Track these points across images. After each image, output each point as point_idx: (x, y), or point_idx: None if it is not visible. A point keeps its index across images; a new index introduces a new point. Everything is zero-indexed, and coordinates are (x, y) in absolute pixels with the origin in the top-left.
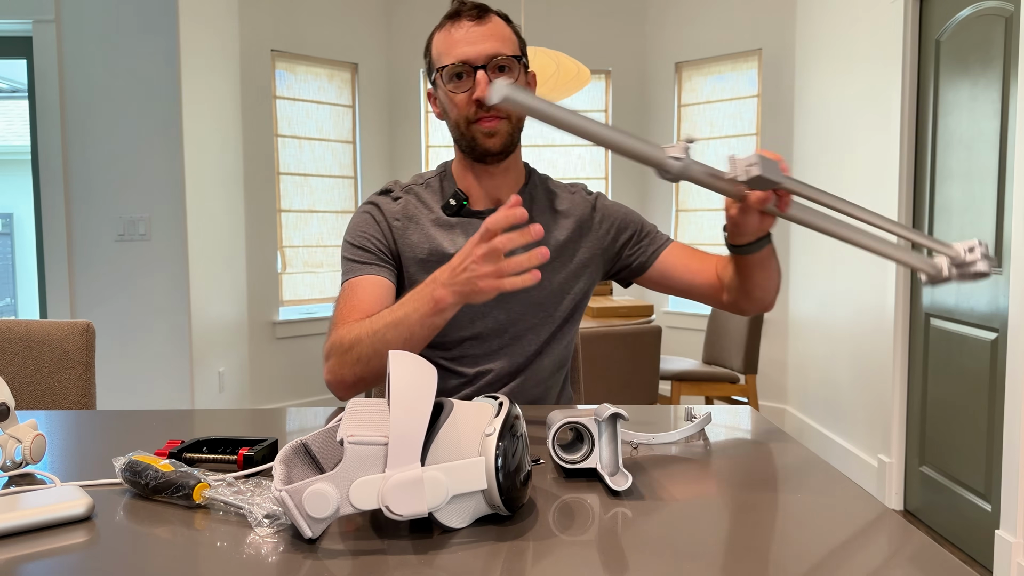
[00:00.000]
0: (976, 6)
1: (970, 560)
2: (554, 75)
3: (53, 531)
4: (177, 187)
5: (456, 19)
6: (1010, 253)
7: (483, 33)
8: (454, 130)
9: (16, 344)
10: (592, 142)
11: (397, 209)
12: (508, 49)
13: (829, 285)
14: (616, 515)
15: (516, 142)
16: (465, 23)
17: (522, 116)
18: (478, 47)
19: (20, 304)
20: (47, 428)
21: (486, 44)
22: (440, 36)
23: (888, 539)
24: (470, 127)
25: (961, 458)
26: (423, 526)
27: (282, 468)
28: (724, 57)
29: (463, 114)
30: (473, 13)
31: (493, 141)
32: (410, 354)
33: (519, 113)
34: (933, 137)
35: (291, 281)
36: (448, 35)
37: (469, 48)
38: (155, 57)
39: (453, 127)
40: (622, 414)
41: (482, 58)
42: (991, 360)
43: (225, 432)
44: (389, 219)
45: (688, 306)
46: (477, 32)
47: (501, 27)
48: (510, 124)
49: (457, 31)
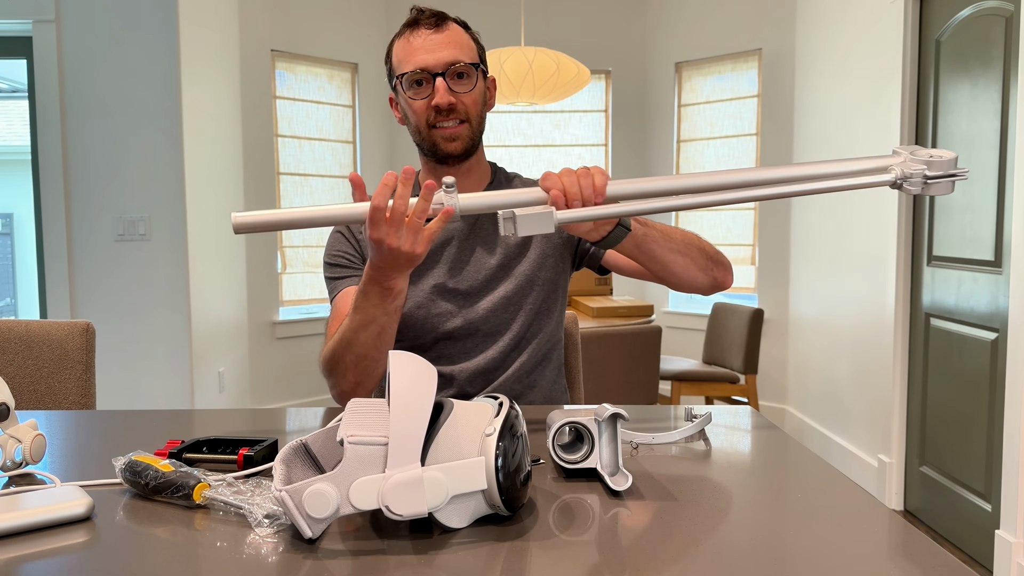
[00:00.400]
0: (976, 6)
1: (970, 560)
2: (554, 75)
3: (53, 531)
4: (177, 187)
5: (415, 27)
6: (1010, 253)
7: (441, 41)
8: (415, 135)
9: (16, 344)
10: (326, 225)
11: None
12: (466, 56)
13: (829, 285)
14: (616, 515)
15: (477, 144)
16: (423, 31)
17: (482, 119)
18: (436, 55)
19: (20, 304)
20: (47, 428)
21: (444, 52)
22: (399, 44)
23: (888, 539)
24: (431, 132)
25: (961, 458)
26: (423, 526)
27: (282, 468)
28: (724, 57)
29: (423, 119)
30: (431, 22)
31: (454, 145)
32: (410, 354)
33: (478, 115)
34: (933, 137)
35: (291, 281)
36: (407, 43)
37: (428, 56)
38: (155, 57)
39: (414, 132)
40: (622, 414)
41: (440, 65)
42: (991, 360)
43: (225, 432)
44: (355, 231)
45: (688, 306)
46: (435, 40)
47: (459, 34)
48: (470, 128)
49: (416, 39)
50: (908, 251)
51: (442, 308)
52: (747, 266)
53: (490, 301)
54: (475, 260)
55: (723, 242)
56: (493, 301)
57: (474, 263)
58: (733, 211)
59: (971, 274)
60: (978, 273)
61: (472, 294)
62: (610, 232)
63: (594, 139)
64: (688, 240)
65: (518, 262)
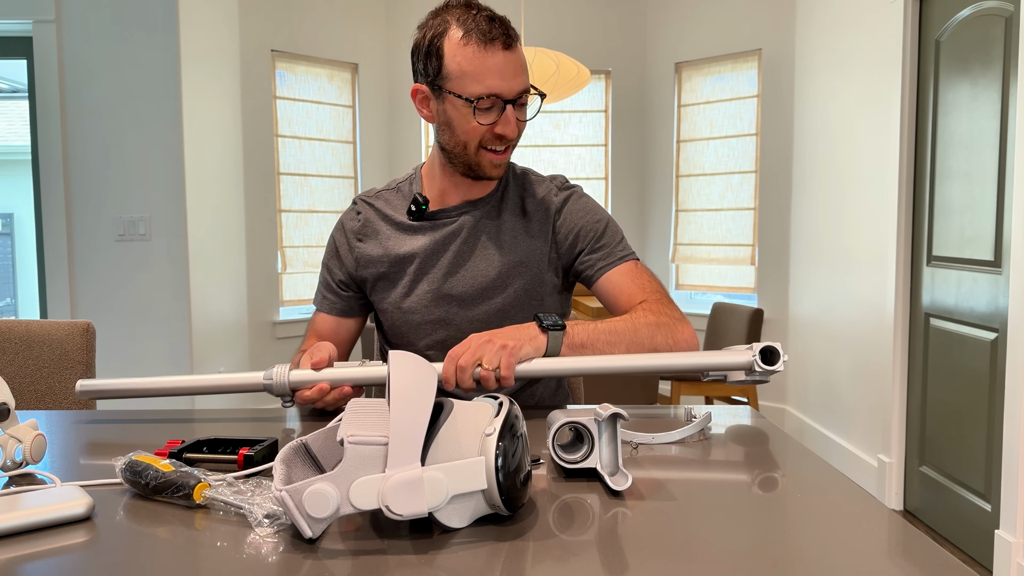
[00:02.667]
0: (976, 6)
1: (970, 560)
2: (554, 75)
3: (53, 531)
4: (177, 187)
5: (489, 42)
6: (1010, 253)
7: (516, 65)
8: (457, 147)
9: (16, 344)
10: (168, 396)
11: (357, 227)
12: (530, 80)
13: (829, 285)
14: (616, 515)
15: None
16: (499, 50)
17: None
18: (511, 83)
19: (20, 304)
20: (47, 428)
21: (519, 79)
22: (467, 53)
23: (888, 539)
24: (479, 152)
25: (961, 458)
26: (423, 526)
27: (282, 468)
28: (724, 57)
29: (475, 139)
30: (507, 40)
31: (498, 171)
32: (410, 354)
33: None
34: (933, 137)
35: (291, 281)
36: (479, 58)
37: (503, 83)
38: (155, 57)
39: (458, 145)
40: (622, 414)
41: (514, 94)
42: (991, 360)
43: (225, 432)
44: (350, 239)
45: (688, 306)
46: (512, 65)
47: (522, 53)
48: (512, 150)
49: (490, 57)
50: (908, 251)
51: (435, 315)
52: (747, 266)
53: (485, 313)
54: (471, 267)
55: (723, 242)
56: (488, 312)
57: (471, 270)
58: (733, 211)
59: (971, 274)
60: (978, 273)
61: (467, 301)
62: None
63: (594, 139)
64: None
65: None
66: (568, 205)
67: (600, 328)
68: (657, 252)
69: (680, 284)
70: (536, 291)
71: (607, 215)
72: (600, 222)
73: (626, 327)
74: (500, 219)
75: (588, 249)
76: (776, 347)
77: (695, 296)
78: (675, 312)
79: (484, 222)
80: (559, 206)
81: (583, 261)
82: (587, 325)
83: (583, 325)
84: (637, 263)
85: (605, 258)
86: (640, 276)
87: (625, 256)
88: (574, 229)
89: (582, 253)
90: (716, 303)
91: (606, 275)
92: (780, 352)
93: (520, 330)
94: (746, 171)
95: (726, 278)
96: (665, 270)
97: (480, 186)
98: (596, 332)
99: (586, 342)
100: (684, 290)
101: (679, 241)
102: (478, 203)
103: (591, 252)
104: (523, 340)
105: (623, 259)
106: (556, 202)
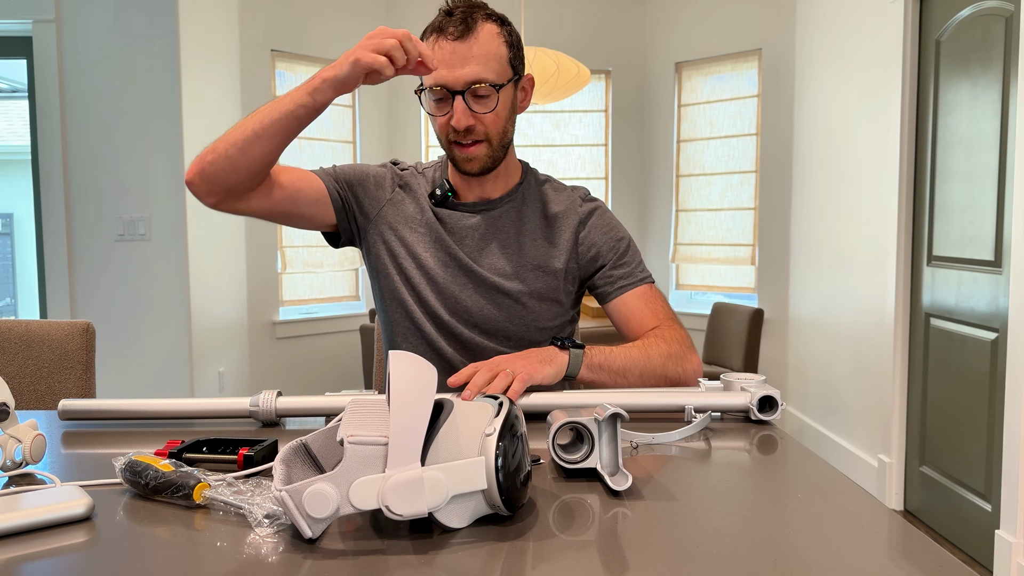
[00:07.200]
0: (976, 6)
1: (970, 560)
2: (554, 75)
3: (53, 531)
4: (177, 187)
5: (440, 33)
6: (1010, 253)
7: (464, 54)
8: (439, 141)
9: (16, 344)
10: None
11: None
12: (490, 72)
13: (829, 285)
14: (616, 515)
15: (499, 159)
16: (448, 41)
17: (505, 132)
18: (456, 72)
19: (20, 304)
20: (47, 428)
21: (466, 69)
22: (426, 47)
23: (888, 539)
24: (451, 147)
25: (961, 458)
26: (423, 526)
27: (282, 468)
28: (724, 57)
29: (443, 135)
30: (457, 30)
31: (471, 165)
32: (410, 354)
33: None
34: (933, 137)
35: (291, 281)
36: (432, 50)
37: (448, 73)
38: (155, 57)
39: (438, 139)
40: (622, 414)
41: (460, 84)
42: (991, 360)
43: (225, 432)
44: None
45: (688, 306)
46: (459, 53)
47: (486, 43)
48: (489, 147)
49: (440, 49)
50: (908, 251)
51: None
52: (747, 266)
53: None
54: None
55: (723, 242)
56: (498, 305)
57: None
58: (733, 211)
59: (971, 274)
60: (978, 273)
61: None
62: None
63: (594, 139)
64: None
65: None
66: (593, 219)
67: (616, 352)
68: (657, 252)
69: (680, 284)
70: (549, 295)
71: (628, 234)
72: (623, 241)
73: (640, 354)
74: (520, 220)
75: (609, 266)
76: (775, 397)
77: (695, 296)
78: (685, 340)
79: (504, 221)
80: (583, 217)
81: (602, 277)
82: (604, 349)
83: (599, 348)
84: (652, 286)
85: (624, 278)
86: (654, 301)
87: (643, 279)
88: (596, 244)
89: (603, 269)
90: (716, 303)
91: (622, 296)
92: (779, 402)
93: (542, 353)
94: (746, 171)
95: (726, 278)
96: (665, 270)
97: (493, 185)
98: (612, 356)
99: (603, 364)
100: (684, 290)
101: (679, 241)
102: (496, 202)
103: (612, 269)
104: (543, 363)
105: (641, 281)
106: (581, 213)
